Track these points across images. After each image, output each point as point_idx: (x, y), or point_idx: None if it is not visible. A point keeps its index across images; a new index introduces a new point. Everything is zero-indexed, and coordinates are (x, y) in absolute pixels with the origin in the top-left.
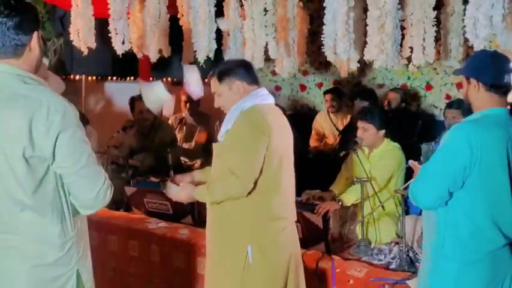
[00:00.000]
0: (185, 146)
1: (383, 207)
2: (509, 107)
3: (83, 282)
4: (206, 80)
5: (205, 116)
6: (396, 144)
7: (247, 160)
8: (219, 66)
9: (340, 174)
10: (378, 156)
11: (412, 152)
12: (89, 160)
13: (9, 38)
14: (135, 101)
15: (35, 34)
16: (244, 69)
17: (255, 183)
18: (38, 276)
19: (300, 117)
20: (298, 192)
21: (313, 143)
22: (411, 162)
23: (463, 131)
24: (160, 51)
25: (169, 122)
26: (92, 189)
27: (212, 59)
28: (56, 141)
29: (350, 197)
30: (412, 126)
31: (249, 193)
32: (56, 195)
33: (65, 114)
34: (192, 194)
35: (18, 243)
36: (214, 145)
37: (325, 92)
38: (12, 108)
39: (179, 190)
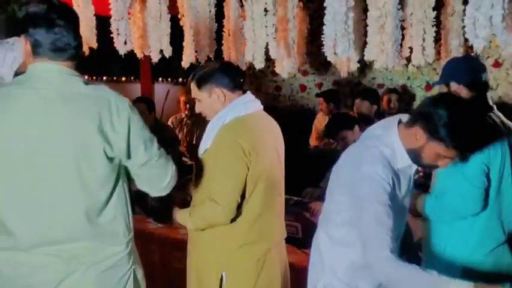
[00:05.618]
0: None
1: None
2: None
3: (138, 282)
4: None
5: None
6: None
7: (228, 186)
8: (197, 70)
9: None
10: None
11: None
12: (159, 150)
13: (65, 42)
14: (135, 103)
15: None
16: (223, 74)
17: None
18: (105, 282)
19: (300, 117)
20: (298, 192)
21: (313, 142)
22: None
23: None
24: (161, 51)
25: (170, 122)
26: (164, 178)
27: (213, 59)
28: (129, 137)
29: None
30: None
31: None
32: (123, 192)
33: (131, 110)
34: (175, 217)
35: (83, 251)
36: (198, 159)
37: (317, 95)
38: (79, 109)
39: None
